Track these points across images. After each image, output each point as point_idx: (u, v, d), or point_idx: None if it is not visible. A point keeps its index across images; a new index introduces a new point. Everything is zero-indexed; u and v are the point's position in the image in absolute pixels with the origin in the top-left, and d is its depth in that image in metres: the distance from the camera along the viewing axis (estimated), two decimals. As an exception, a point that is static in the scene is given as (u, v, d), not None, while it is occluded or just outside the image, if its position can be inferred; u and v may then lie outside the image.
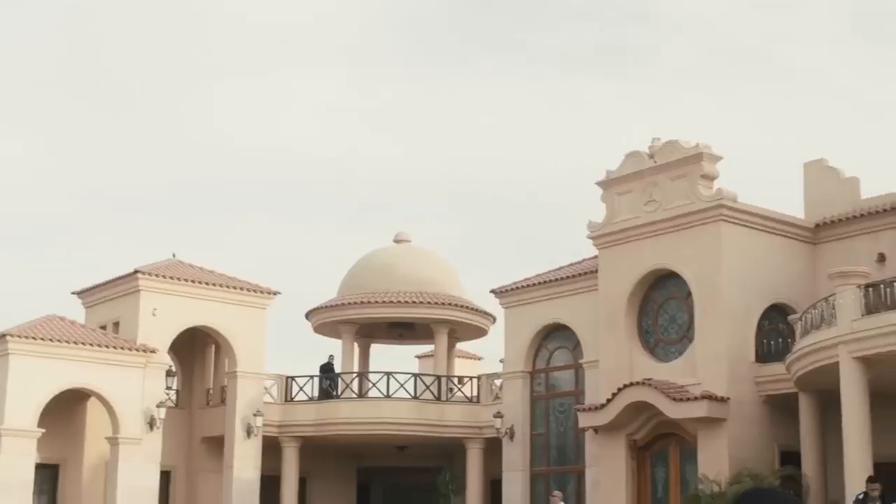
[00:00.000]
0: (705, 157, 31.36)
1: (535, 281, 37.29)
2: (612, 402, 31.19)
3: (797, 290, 31.57)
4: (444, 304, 40.57)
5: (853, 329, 24.90)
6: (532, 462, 36.54)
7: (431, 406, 38.65)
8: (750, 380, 30.25)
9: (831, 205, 32.74)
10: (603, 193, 33.67)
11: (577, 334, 35.43)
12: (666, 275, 32.15)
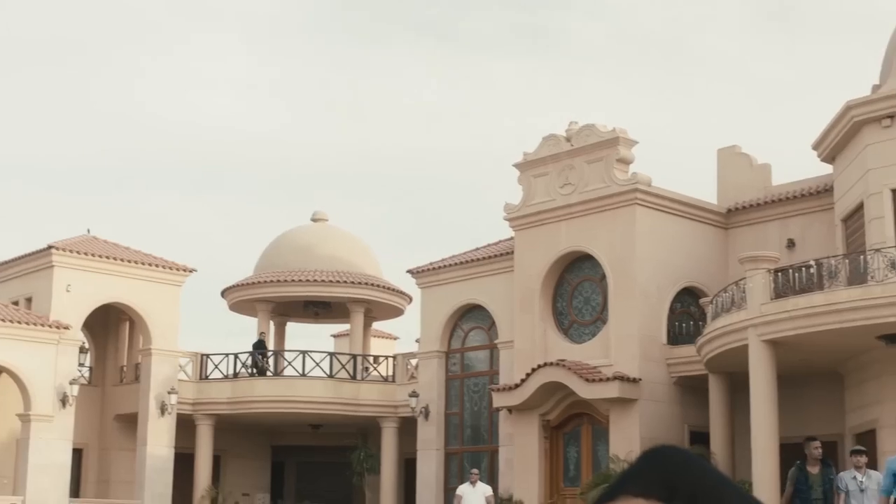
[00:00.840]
0: (621, 142, 31.74)
1: (451, 261, 37.48)
2: (525, 382, 31.51)
3: (709, 273, 32.13)
4: (361, 284, 40.65)
5: (762, 312, 25.40)
6: (446, 441, 36.79)
7: (347, 385, 38.74)
8: (661, 361, 30.74)
9: (743, 191, 33.32)
10: (520, 175, 33.95)
11: (493, 315, 35.72)
12: (581, 257, 32.53)
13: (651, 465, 2.25)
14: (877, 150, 27.38)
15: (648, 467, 2.24)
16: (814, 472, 17.06)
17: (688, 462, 2.23)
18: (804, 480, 17.02)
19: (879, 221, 27.13)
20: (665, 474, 2.21)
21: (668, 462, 2.24)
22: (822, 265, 26.28)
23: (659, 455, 2.26)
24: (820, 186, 31.40)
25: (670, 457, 2.24)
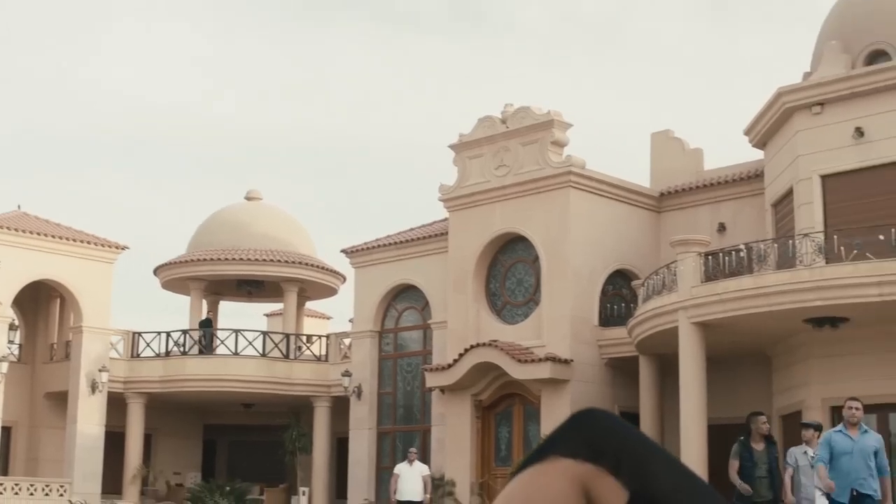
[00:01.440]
0: (556, 125, 31.90)
1: (385, 242, 37.49)
2: (458, 362, 31.64)
3: (641, 256, 32.42)
4: (294, 263, 40.55)
5: (692, 295, 25.70)
6: (379, 420, 36.86)
7: (279, 364, 38.67)
8: (593, 343, 31.00)
9: (676, 175, 33.63)
10: (455, 157, 34.01)
11: (426, 295, 35.80)
12: (514, 238, 32.67)
13: (578, 427, 2.33)
14: (807, 136, 27.75)
15: (575, 430, 2.33)
16: (758, 449, 15.99)
17: (614, 425, 2.32)
18: (749, 457, 15.95)
19: (808, 207, 27.51)
20: (591, 437, 2.29)
21: (594, 425, 2.32)
22: (752, 249, 26.65)
23: (586, 418, 2.34)
24: (751, 172, 31.77)
25: (597, 420, 2.33)
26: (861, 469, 13.92)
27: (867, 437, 14.19)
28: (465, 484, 31.75)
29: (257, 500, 38.54)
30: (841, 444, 14.06)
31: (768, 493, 15.90)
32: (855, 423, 14.11)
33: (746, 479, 15.68)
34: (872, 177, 26.76)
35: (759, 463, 15.82)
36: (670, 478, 2.23)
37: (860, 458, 13.94)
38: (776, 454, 16.33)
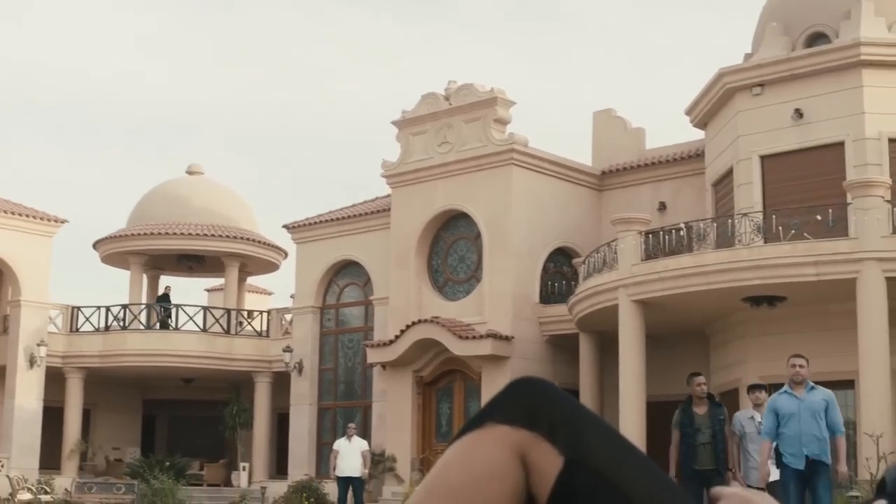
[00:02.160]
0: (499, 102, 31.94)
1: (327, 217, 37.40)
2: (400, 338, 31.68)
3: (582, 234, 32.59)
4: (236, 238, 40.34)
5: (632, 273, 25.89)
6: (320, 396, 36.83)
7: (220, 339, 38.51)
8: (534, 320, 31.15)
9: (617, 153, 33.83)
10: (398, 133, 33.98)
11: (368, 271, 35.78)
12: (457, 215, 32.72)
13: (515, 394, 2.36)
14: (747, 117, 28.00)
15: (512, 397, 2.36)
16: (700, 413, 14.79)
17: (550, 393, 2.36)
18: (689, 423, 14.76)
19: (748, 187, 27.78)
20: (528, 403, 2.32)
21: (531, 392, 2.35)
22: (692, 228, 26.89)
23: (523, 385, 2.38)
24: (692, 151, 32.01)
25: (534, 387, 2.36)
26: (811, 430, 12.69)
27: (815, 393, 12.93)
28: (406, 459, 31.84)
29: (197, 476, 38.42)
30: (786, 405, 12.91)
31: (711, 462, 14.67)
32: (800, 382, 12.92)
33: (688, 447, 14.61)
34: (811, 158, 27.07)
35: (702, 428, 14.68)
36: (606, 445, 2.27)
37: (809, 417, 12.74)
38: (722, 417, 14.91)
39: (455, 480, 2.28)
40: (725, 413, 15.04)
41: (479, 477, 2.25)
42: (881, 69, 26.46)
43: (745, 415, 15.13)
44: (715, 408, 14.95)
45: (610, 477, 2.22)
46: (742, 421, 14.96)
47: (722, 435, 14.73)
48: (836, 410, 12.89)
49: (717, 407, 15.03)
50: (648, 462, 2.34)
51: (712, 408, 14.92)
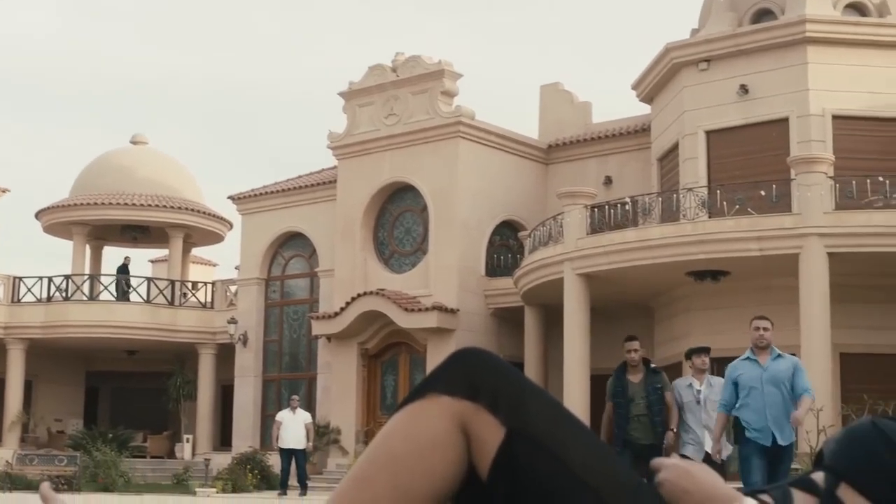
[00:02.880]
0: (446, 74, 31.90)
1: (273, 188, 37.24)
2: (345, 310, 31.65)
3: (528, 207, 32.67)
4: (180, 209, 40.05)
5: (578, 247, 25.99)
6: (264, 368, 36.75)
7: (164, 311, 38.28)
8: (479, 293, 31.22)
9: (564, 127, 33.93)
10: (345, 104, 33.85)
11: (314, 243, 35.68)
12: (403, 188, 32.68)
13: (457, 365, 2.35)
14: (693, 92, 28.14)
15: (454, 367, 2.35)
16: (634, 381, 13.38)
17: (493, 364, 2.35)
18: (622, 391, 13.38)
19: (693, 162, 27.94)
20: (470, 374, 2.32)
21: (473, 363, 2.35)
22: (637, 202, 27.02)
23: (465, 356, 2.37)
24: (638, 126, 32.15)
25: (476, 358, 2.36)
26: (777, 403, 11.17)
27: (780, 362, 11.39)
28: (351, 432, 31.87)
29: (140, 448, 38.25)
30: (748, 374, 11.36)
31: (647, 436, 13.33)
32: (764, 347, 11.37)
33: (621, 419, 13.28)
34: (755, 133, 27.27)
35: (636, 398, 13.28)
36: (548, 417, 2.27)
37: (773, 389, 11.22)
38: (659, 386, 13.46)
39: (397, 450, 2.27)
40: (664, 380, 13.57)
41: (421, 447, 2.25)
42: (826, 46, 26.67)
43: (683, 382, 13.65)
44: (651, 375, 13.47)
45: (551, 447, 2.22)
46: (680, 389, 13.52)
47: (659, 406, 13.32)
48: (803, 374, 11.38)
49: (654, 374, 13.53)
50: (589, 433, 2.35)
51: (648, 375, 13.46)
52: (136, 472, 31.58)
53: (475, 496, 2.27)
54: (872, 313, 25.03)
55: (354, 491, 2.27)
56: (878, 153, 26.35)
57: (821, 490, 2.26)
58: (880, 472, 2.22)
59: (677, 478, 2.25)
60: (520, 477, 2.20)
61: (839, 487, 2.24)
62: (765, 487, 2.34)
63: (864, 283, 24.61)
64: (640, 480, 2.27)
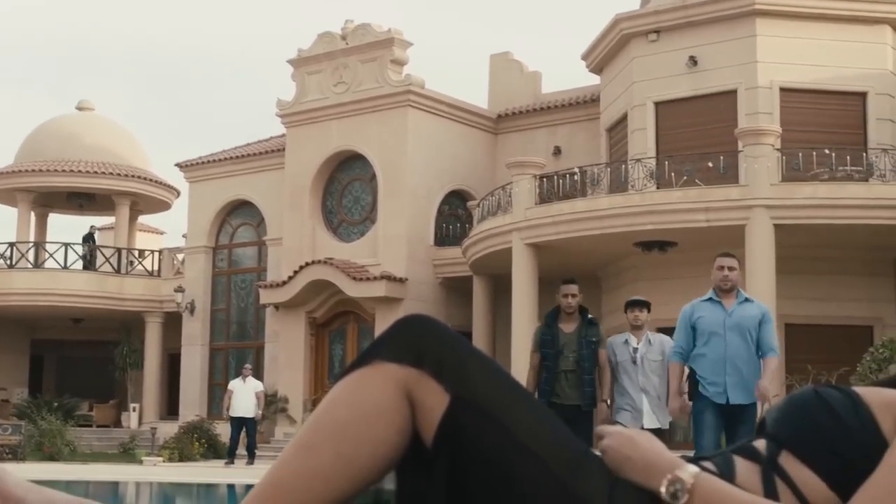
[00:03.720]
0: (396, 43, 31.79)
1: (221, 156, 37.03)
2: (293, 279, 31.58)
3: (477, 177, 32.69)
4: (127, 176, 39.69)
5: (526, 217, 26.04)
6: (212, 337, 36.62)
7: (110, 279, 38.00)
8: (428, 262, 31.24)
9: (513, 97, 33.94)
10: (294, 72, 33.66)
11: (262, 211, 35.55)
12: (352, 156, 32.60)
13: (402, 332, 2.35)
14: (642, 63, 28.21)
15: (399, 335, 2.34)
16: (567, 331, 11.46)
17: (437, 331, 2.35)
18: (550, 341, 11.42)
19: (642, 133, 28.05)
20: (415, 341, 2.31)
21: (418, 330, 2.34)
22: (586, 173, 27.10)
23: (410, 323, 2.36)
24: (587, 96, 32.21)
25: (421, 325, 2.35)
26: (740, 355, 9.54)
27: (748, 307, 9.77)
28: (298, 400, 31.85)
29: (86, 417, 38.03)
30: (709, 318, 9.68)
31: (575, 395, 11.32)
32: (729, 290, 9.71)
33: (548, 372, 11.31)
34: (704, 105, 27.41)
35: (566, 351, 11.32)
36: (493, 384, 2.27)
37: (738, 338, 9.59)
38: (595, 339, 11.52)
39: (342, 417, 2.27)
40: (601, 334, 11.67)
41: (365, 414, 2.25)
42: (775, 18, 26.80)
43: (618, 339, 11.79)
44: (587, 327, 11.51)
45: (496, 414, 2.22)
46: (615, 347, 11.70)
47: (591, 363, 11.38)
48: (770, 327, 9.79)
49: (591, 326, 11.58)
50: (535, 401, 2.35)
51: (584, 326, 11.50)
52: (81, 442, 31.41)
53: (419, 464, 2.27)
54: (817, 285, 25.31)
55: (298, 458, 2.26)
56: (825, 126, 26.57)
57: (763, 458, 2.27)
58: (821, 440, 2.24)
59: (620, 445, 2.26)
60: (464, 444, 2.20)
61: (781, 455, 2.26)
62: (707, 454, 2.35)
63: (809, 255, 24.86)
64: (586, 448, 2.27)
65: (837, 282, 25.33)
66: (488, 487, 2.20)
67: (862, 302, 25.68)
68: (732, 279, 9.75)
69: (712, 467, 2.27)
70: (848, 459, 2.20)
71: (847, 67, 26.75)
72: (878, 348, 21.72)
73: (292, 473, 2.25)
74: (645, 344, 11.62)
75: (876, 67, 27.09)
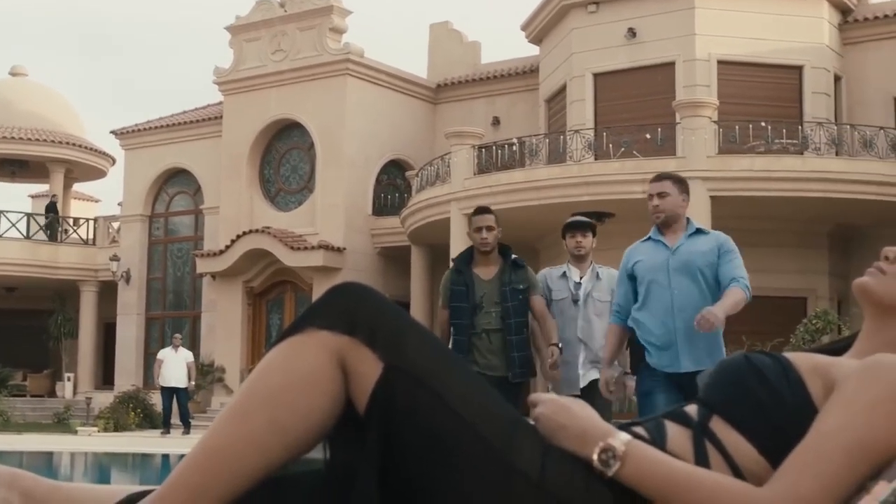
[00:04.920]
0: (335, 11, 31.62)
1: (157, 124, 36.70)
2: (230, 248, 31.43)
3: (416, 147, 32.67)
4: (61, 143, 39.22)
5: (465, 187, 26.06)
6: (148, 306, 36.36)
7: (44, 247, 37.58)
8: (366, 232, 31.20)
9: (453, 67, 33.90)
10: (231, 39, 33.39)
11: (199, 180, 35.30)
12: (290, 125, 32.43)
13: (335, 300, 2.34)
14: (582, 34, 28.27)
15: (333, 302, 2.34)
16: (485, 277, 8.39)
17: (371, 299, 2.34)
18: (464, 293, 8.33)
19: (580, 104, 28.13)
20: (348, 309, 2.31)
21: (351, 297, 2.34)
22: (525, 144, 27.15)
23: (343, 291, 2.36)
24: (527, 67, 32.25)
25: (354, 293, 2.35)
26: (692, 304, 6.91)
27: (700, 240, 7.12)
28: (235, 370, 31.74)
29: (20, 386, 37.68)
30: (648, 260, 7.16)
31: (499, 363, 8.14)
32: (667, 223, 7.13)
33: (460, 333, 8.24)
34: (642, 77, 27.53)
35: (486, 304, 8.24)
36: (426, 352, 2.27)
37: (687, 281, 6.99)
38: (523, 287, 8.29)
39: (275, 384, 2.26)
40: (531, 279, 8.43)
41: (298, 381, 2.24)
42: (712, -9, 26.96)
43: (554, 272, 8.80)
44: (512, 270, 8.35)
45: (428, 383, 2.22)
46: (549, 281, 8.68)
47: (521, 319, 8.22)
48: (733, 256, 7.10)
49: (517, 269, 8.37)
50: (469, 369, 2.36)
51: (507, 271, 8.36)
52: (15, 412, 31.10)
53: (352, 432, 2.27)
54: (752, 256, 25.27)
55: (231, 425, 2.26)
56: (761, 99, 26.79)
57: (694, 423, 2.30)
58: (752, 405, 2.26)
59: (553, 413, 2.27)
60: (397, 412, 2.20)
61: (711, 420, 2.28)
62: (639, 420, 2.37)
63: (744, 227, 24.95)
64: (519, 416, 2.28)
65: (772, 254, 25.59)
66: (421, 456, 2.20)
67: (796, 274, 25.99)
68: (666, 208, 7.12)
69: (644, 433, 2.28)
70: (778, 425, 2.22)
71: (784, 41, 26.98)
72: (812, 319, 22.03)
73: (225, 440, 2.25)
74: (591, 278, 8.69)
75: (812, 41, 27.34)
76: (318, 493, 2.33)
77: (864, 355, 2.30)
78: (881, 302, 2.41)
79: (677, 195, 7.20)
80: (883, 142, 25.10)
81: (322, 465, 2.33)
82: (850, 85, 28.35)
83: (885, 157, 24.75)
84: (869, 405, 2.12)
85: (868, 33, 28.30)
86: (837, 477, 2.08)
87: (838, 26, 28.25)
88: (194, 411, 28.58)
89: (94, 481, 14.97)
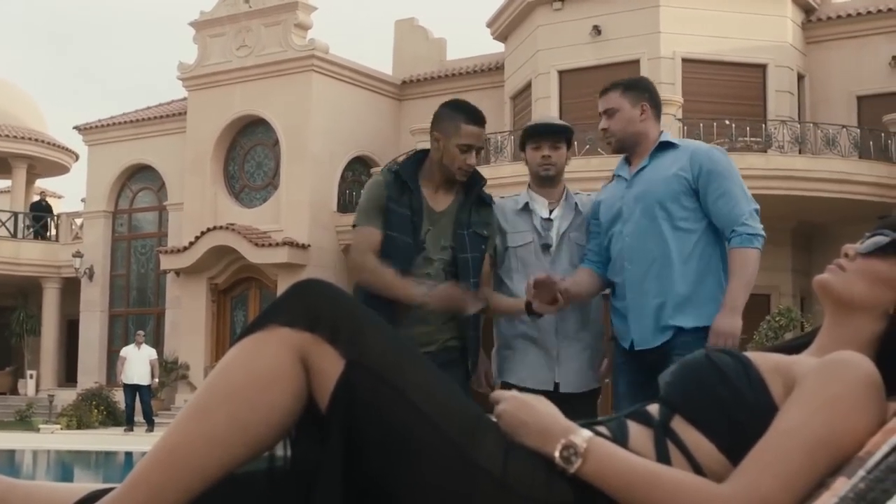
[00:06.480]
0: (300, 7, 31.54)
1: (121, 119, 36.49)
2: (194, 245, 31.29)
3: (381, 143, 32.63)
4: (23, 138, 38.94)
5: (430, 184, 26.03)
6: (111, 303, 36.16)
7: (6, 243, 37.28)
8: (331, 228, 31.14)
9: (418, 63, 33.91)
10: (195, 34, 33.25)
11: (163, 176, 35.13)
12: (255, 121, 32.32)
13: (297, 297, 2.34)
14: (547, 31, 28.32)
15: (294, 299, 2.33)
16: (437, 209, 5.26)
17: (332, 295, 2.34)
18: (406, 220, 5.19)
19: (545, 101, 28.18)
20: (309, 306, 2.30)
21: (313, 294, 2.33)
22: (490, 140, 27.17)
23: (305, 288, 2.35)
24: (492, 64, 32.27)
25: (316, 290, 2.34)
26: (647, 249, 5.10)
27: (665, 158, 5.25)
28: (200, 367, 31.59)
29: (-19, 383, 37.44)
30: (608, 199, 5.45)
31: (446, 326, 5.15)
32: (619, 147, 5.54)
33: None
34: (608, 74, 27.46)
35: (428, 245, 5.21)
36: (388, 349, 2.27)
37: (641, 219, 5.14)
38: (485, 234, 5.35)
39: (237, 381, 2.26)
40: (494, 221, 5.55)
41: (260, 378, 2.24)
42: (677, -11, 27.06)
43: (509, 203, 5.86)
44: (477, 208, 5.42)
45: (390, 379, 2.22)
46: (503, 218, 5.70)
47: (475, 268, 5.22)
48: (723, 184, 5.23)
49: (482, 207, 5.45)
50: (431, 365, 2.35)
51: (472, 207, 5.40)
52: (-24, 408, 30.91)
53: (314, 429, 2.26)
54: (715, 253, 25.64)
55: (193, 423, 2.25)
56: (726, 97, 26.91)
57: (655, 422, 2.30)
58: (713, 404, 2.27)
59: (516, 410, 2.27)
60: (359, 409, 2.20)
61: (673, 419, 2.29)
62: (601, 419, 2.37)
63: (708, 224, 25.19)
64: (481, 412, 2.28)
65: (735, 251, 25.70)
66: (383, 452, 2.20)
67: (759, 271, 25.85)
68: (615, 129, 5.46)
69: (606, 432, 2.29)
70: (739, 423, 2.23)
71: (748, 40, 27.12)
72: (775, 316, 22.15)
73: (186, 438, 2.24)
74: (566, 211, 5.76)
75: (776, 40, 27.50)
76: (279, 490, 2.32)
77: (825, 351, 2.32)
78: (840, 298, 2.42)
79: (629, 108, 5.40)
80: (845, 140, 25.29)
81: (284, 462, 2.33)
82: (813, 83, 28.55)
83: (847, 155, 24.95)
84: (828, 402, 2.14)
85: (831, 32, 28.51)
86: (797, 474, 2.09)
87: (802, 25, 28.44)
88: (158, 409, 28.47)
89: (57, 479, 14.88)
